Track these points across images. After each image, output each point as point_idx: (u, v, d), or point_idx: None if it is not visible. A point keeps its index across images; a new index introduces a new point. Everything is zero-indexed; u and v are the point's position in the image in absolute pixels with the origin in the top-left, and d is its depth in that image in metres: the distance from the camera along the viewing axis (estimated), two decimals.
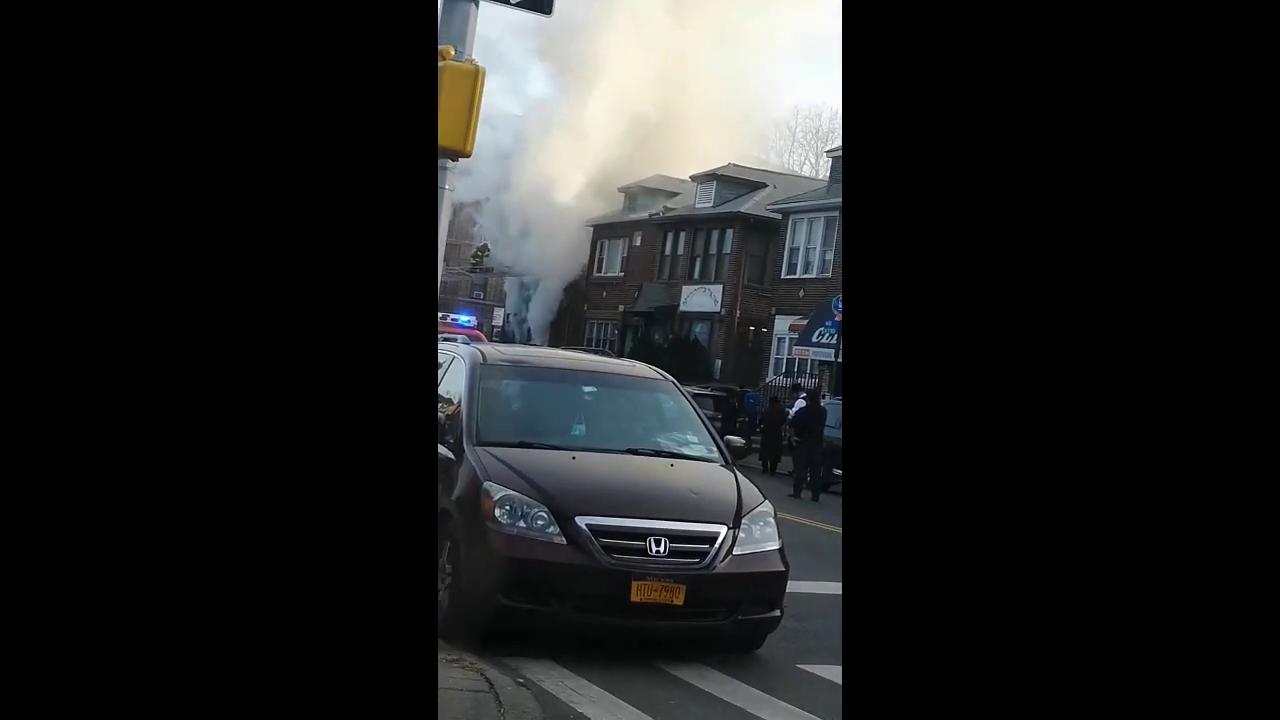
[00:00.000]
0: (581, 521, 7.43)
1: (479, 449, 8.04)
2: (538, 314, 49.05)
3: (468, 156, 6.64)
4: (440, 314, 17.99)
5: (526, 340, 45.13)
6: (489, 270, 47.28)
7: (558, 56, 47.32)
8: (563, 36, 43.75)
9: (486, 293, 53.04)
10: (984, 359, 2.71)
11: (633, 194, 46.66)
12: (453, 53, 6.66)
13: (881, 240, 2.78)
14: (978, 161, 2.73)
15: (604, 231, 48.28)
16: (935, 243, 2.74)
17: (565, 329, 48.34)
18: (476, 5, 7.06)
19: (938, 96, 2.75)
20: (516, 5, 7.29)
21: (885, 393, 2.75)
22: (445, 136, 6.43)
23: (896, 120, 2.77)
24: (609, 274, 47.21)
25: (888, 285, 2.76)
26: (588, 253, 48.71)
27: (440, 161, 6.76)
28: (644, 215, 45.17)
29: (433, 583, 2.99)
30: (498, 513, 7.48)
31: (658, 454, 8.66)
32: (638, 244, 45.58)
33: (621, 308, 45.82)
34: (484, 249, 42.95)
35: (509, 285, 50.01)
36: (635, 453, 8.56)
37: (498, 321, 43.06)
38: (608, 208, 47.69)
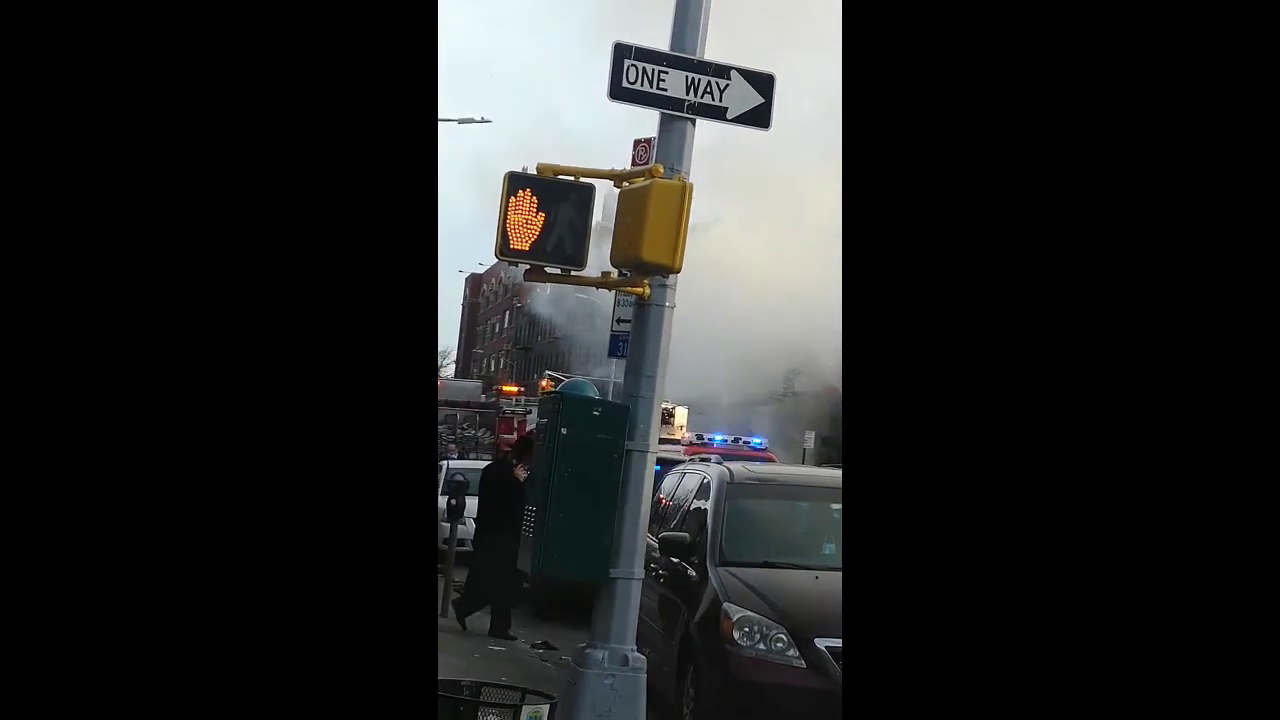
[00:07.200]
0: (820, 643, 7.13)
1: (721, 569, 7.90)
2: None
3: (677, 272, 6.63)
4: (729, 437, 17.78)
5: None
6: None
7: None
8: None
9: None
10: (982, 361, 2.68)
11: None
12: (661, 170, 6.72)
13: (881, 243, 2.76)
14: (978, 166, 2.71)
15: None
16: (934, 245, 2.73)
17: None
18: (693, 124, 7.11)
19: (938, 102, 2.74)
20: (733, 121, 7.28)
21: (885, 394, 2.74)
22: (653, 252, 6.45)
23: (896, 124, 2.75)
24: None
25: (887, 288, 2.75)
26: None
27: (655, 279, 6.78)
28: None
29: (433, 601, 3.07)
30: (736, 634, 7.29)
31: None
32: None
33: None
34: None
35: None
36: None
37: (809, 443, 41.00)
38: None
